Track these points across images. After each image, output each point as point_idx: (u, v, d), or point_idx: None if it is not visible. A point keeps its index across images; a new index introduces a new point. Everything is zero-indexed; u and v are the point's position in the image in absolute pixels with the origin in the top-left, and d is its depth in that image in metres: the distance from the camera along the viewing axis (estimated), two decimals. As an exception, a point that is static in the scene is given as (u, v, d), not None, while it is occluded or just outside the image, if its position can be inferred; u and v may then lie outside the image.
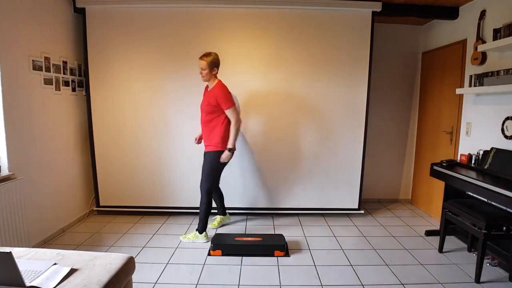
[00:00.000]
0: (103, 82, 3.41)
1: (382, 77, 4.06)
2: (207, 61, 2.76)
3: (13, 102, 2.53)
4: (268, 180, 3.59)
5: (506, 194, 2.19)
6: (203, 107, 2.89)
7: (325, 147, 3.55)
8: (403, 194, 4.35)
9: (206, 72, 2.80)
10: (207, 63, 2.76)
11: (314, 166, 3.57)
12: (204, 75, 2.81)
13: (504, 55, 2.76)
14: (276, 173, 3.58)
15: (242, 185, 3.58)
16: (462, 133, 3.31)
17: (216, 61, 2.82)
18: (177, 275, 2.40)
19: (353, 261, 2.65)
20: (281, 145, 3.53)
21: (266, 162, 3.55)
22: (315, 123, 3.51)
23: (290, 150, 3.53)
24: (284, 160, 3.55)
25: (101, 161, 3.52)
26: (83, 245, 2.87)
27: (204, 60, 2.76)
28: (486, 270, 2.45)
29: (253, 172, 3.55)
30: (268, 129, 3.49)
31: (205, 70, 2.79)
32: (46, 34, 2.93)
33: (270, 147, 3.52)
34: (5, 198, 2.31)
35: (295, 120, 3.49)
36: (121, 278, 1.57)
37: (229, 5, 3.30)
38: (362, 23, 3.36)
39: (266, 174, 3.57)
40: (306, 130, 3.51)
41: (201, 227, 2.96)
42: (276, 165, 3.56)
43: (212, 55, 2.79)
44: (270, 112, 3.47)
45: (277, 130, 3.50)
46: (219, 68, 2.86)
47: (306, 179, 3.60)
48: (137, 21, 3.33)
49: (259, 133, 3.50)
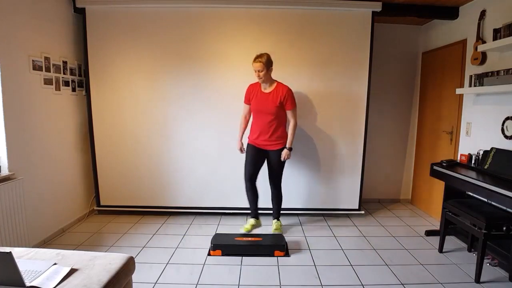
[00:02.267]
0: (103, 82, 3.41)
1: (382, 77, 4.06)
2: (262, 62, 2.81)
3: (13, 102, 2.53)
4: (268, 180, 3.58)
5: (506, 194, 2.19)
6: (269, 110, 2.92)
7: (325, 147, 3.54)
8: (403, 194, 4.35)
9: (264, 73, 2.84)
10: (263, 63, 2.81)
11: (314, 166, 3.57)
12: (262, 76, 2.86)
13: (504, 55, 2.76)
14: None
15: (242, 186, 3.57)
16: (462, 133, 3.31)
17: (271, 60, 2.88)
18: (177, 275, 2.40)
19: (353, 261, 2.65)
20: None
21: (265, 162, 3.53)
22: (315, 123, 3.51)
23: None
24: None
25: (101, 161, 3.52)
26: (83, 245, 2.87)
27: (259, 61, 2.81)
28: (486, 270, 2.45)
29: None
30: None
31: (263, 71, 2.83)
32: (46, 34, 2.93)
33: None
34: (5, 198, 2.31)
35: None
36: (121, 278, 1.57)
37: (229, 5, 3.29)
38: (362, 23, 3.36)
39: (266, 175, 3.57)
40: (305, 130, 3.51)
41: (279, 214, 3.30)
42: (276, 165, 3.56)
43: (266, 55, 2.85)
44: (270, 112, 3.47)
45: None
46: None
47: (306, 179, 3.59)
48: (137, 21, 3.33)
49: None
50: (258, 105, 2.98)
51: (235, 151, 3.24)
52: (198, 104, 3.39)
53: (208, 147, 3.50)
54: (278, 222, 3.24)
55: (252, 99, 3.02)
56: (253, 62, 2.85)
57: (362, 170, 3.58)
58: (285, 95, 2.89)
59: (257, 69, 2.83)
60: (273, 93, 2.93)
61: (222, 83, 3.41)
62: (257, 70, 2.84)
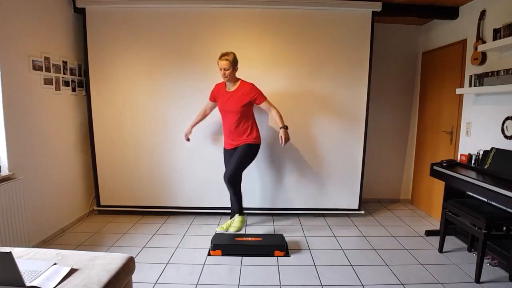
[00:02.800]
0: (103, 82, 3.41)
1: (382, 77, 4.06)
2: (229, 60, 2.74)
3: (13, 102, 2.53)
4: (268, 180, 3.59)
5: (506, 194, 2.19)
6: (235, 108, 2.85)
7: (325, 147, 3.54)
8: (403, 194, 4.35)
9: (230, 72, 2.79)
10: (230, 62, 2.75)
11: (314, 166, 3.57)
12: (227, 75, 2.80)
13: (504, 55, 2.76)
14: (276, 173, 3.58)
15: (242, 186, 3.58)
16: (462, 133, 3.31)
17: (236, 59, 2.83)
18: (177, 275, 2.40)
19: (353, 261, 2.65)
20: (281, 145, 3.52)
21: (265, 162, 3.54)
22: (315, 123, 3.51)
23: (290, 150, 3.53)
24: (284, 161, 3.55)
25: (101, 161, 3.52)
26: (83, 245, 2.87)
27: (226, 59, 2.74)
28: (486, 270, 2.45)
29: (253, 173, 3.55)
30: (267, 130, 3.49)
31: (229, 70, 2.78)
32: (46, 34, 2.93)
33: (269, 148, 3.52)
34: (5, 198, 2.31)
35: (295, 120, 3.48)
36: (121, 278, 1.57)
37: (229, 5, 3.30)
38: (362, 23, 3.36)
39: (266, 175, 3.57)
40: (306, 130, 3.51)
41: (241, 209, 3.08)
42: (276, 165, 3.56)
43: (232, 54, 2.79)
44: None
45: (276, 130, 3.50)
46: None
47: (307, 179, 3.59)
48: (137, 21, 3.33)
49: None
50: (224, 105, 2.92)
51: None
52: (198, 105, 3.38)
53: (208, 147, 3.50)
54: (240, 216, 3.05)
55: (218, 99, 2.98)
56: (219, 60, 2.77)
57: (362, 170, 3.58)
58: (252, 92, 2.85)
59: (223, 68, 2.76)
60: (237, 92, 2.87)
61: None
62: (223, 69, 2.77)
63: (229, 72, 2.79)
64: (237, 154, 2.93)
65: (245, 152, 2.93)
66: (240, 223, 3.03)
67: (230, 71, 2.79)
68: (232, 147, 3.01)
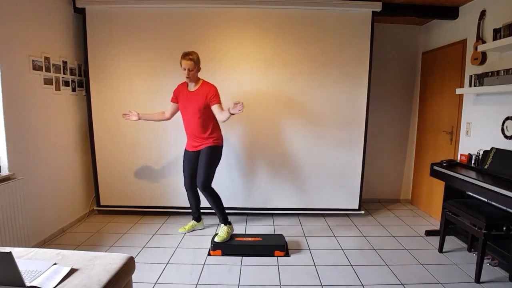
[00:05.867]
0: (103, 82, 3.41)
1: (382, 77, 4.06)
2: (193, 60, 2.65)
3: (13, 102, 2.53)
4: (268, 180, 3.59)
5: (506, 194, 2.19)
6: (195, 108, 2.75)
7: (325, 147, 3.54)
8: (403, 194, 4.35)
9: (193, 73, 2.69)
10: (194, 61, 2.65)
11: (314, 166, 3.57)
12: (191, 76, 2.69)
13: (504, 55, 2.76)
14: (276, 173, 3.58)
15: (242, 186, 3.58)
16: (462, 133, 3.31)
17: (199, 58, 2.73)
18: (177, 275, 2.40)
19: (353, 261, 2.65)
20: (281, 146, 3.53)
21: (266, 162, 3.54)
22: (315, 123, 3.51)
23: (290, 150, 3.53)
24: (284, 160, 3.55)
25: (101, 161, 3.52)
26: (83, 245, 2.87)
27: (189, 59, 2.63)
28: (486, 270, 2.45)
29: (253, 173, 3.55)
30: (268, 130, 3.49)
31: (193, 71, 2.67)
32: (46, 34, 2.93)
33: (270, 148, 3.52)
34: (5, 198, 2.31)
35: (295, 120, 3.48)
36: (121, 278, 1.57)
37: (229, 5, 3.29)
38: (362, 23, 3.36)
39: (266, 175, 3.57)
40: (306, 130, 3.51)
41: (225, 218, 2.89)
42: (276, 165, 3.56)
43: (195, 53, 2.69)
44: (270, 112, 3.47)
45: (276, 130, 3.50)
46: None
47: (306, 179, 3.59)
48: (137, 21, 3.33)
49: (258, 134, 3.50)
50: (185, 105, 2.83)
51: (235, 151, 3.23)
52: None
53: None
54: (226, 227, 2.85)
55: (180, 100, 2.89)
56: (183, 60, 2.64)
57: (362, 170, 3.58)
58: (210, 93, 2.71)
59: (188, 68, 2.64)
60: (198, 92, 2.76)
61: (222, 84, 3.40)
62: (187, 69, 2.65)
63: (193, 73, 2.68)
64: (202, 160, 2.83)
65: (210, 156, 2.83)
66: (226, 233, 2.80)
67: (193, 72, 2.68)
68: (194, 149, 2.91)
